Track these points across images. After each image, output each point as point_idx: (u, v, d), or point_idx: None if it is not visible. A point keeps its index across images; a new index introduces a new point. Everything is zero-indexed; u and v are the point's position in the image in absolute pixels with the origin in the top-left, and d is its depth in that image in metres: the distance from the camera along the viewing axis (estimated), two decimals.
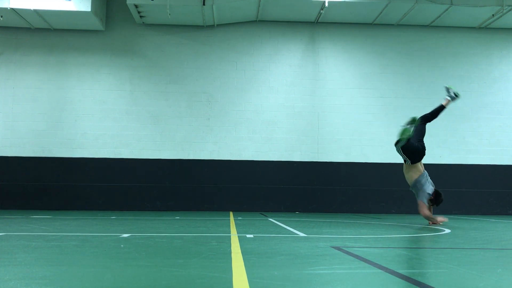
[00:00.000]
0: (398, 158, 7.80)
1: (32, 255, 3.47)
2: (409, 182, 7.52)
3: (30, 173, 11.67)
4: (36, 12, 11.00)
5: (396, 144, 7.40)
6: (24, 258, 3.29)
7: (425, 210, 7.24)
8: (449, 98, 7.78)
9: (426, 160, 7.64)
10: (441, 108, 7.71)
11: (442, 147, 12.12)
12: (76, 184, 11.69)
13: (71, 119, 11.92)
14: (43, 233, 5.22)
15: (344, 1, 11.13)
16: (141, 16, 11.73)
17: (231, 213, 10.25)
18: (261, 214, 10.41)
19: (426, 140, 7.54)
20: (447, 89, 7.85)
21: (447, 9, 11.45)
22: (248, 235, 5.04)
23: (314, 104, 12.27)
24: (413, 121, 7.38)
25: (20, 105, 11.91)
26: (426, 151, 7.50)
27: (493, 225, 7.68)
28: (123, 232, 5.35)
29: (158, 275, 2.69)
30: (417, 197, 7.39)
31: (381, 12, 11.75)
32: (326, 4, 11.09)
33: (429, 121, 7.70)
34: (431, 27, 12.57)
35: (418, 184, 7.34)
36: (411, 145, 7.30)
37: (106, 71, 12.12)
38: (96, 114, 11.96)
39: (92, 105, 11.99)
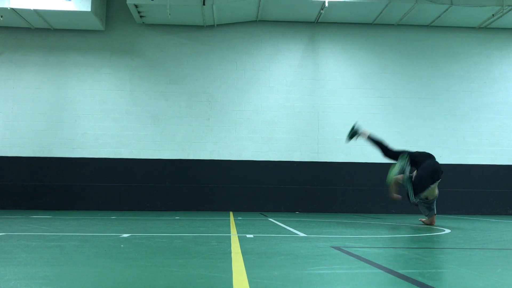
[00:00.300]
0: None
1: (32, 255, 3.47)
2: (431, 198, 7.18)
3: (30, 173, 11.67)
4: (36, 12, 11.00)
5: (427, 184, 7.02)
6: (24, 258, 3.29)
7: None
8: (358, 132, 7.60)
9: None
10: (374, 140, 7.46)
11: (442, 147, 12.10)
12: (76, 184, 11.69)
13: (71, 119, 11.92)
14: (43, 233, 5.22)
15: (344, 1, 11.13)
16: (141, 16, 11.73)
17: (231, 213, 10.24)
18: (261, 214, 10.40)
19: (426, 139, 7.45)
20: (350, 137, 7.68)
21: (447, 9, 11.45)
22: (248, 235, 5.04)
23: (314, 104, 12.26)
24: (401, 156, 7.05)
25: (20, 105, 11.91)
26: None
27: (493, 225, 7.68)
28: (123, 232, 5.34)
29: (158, 275, 2.69)
30: (430, 210, 7.25)
31: (381, 12, 11.75)
32: (326, 4, 11.09)
33: (387, 153, 7.39)
34: (431, 27, 12.57)
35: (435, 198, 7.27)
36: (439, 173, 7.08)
37: (106, 71, 12.12)
38: (96, 114, 11.96)
39: (92, 105, 11.99)
